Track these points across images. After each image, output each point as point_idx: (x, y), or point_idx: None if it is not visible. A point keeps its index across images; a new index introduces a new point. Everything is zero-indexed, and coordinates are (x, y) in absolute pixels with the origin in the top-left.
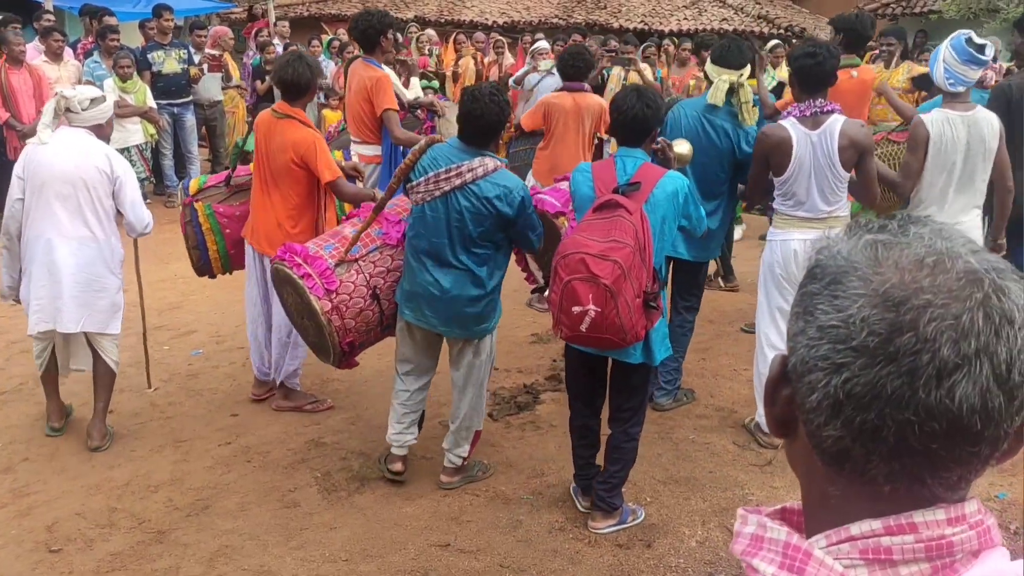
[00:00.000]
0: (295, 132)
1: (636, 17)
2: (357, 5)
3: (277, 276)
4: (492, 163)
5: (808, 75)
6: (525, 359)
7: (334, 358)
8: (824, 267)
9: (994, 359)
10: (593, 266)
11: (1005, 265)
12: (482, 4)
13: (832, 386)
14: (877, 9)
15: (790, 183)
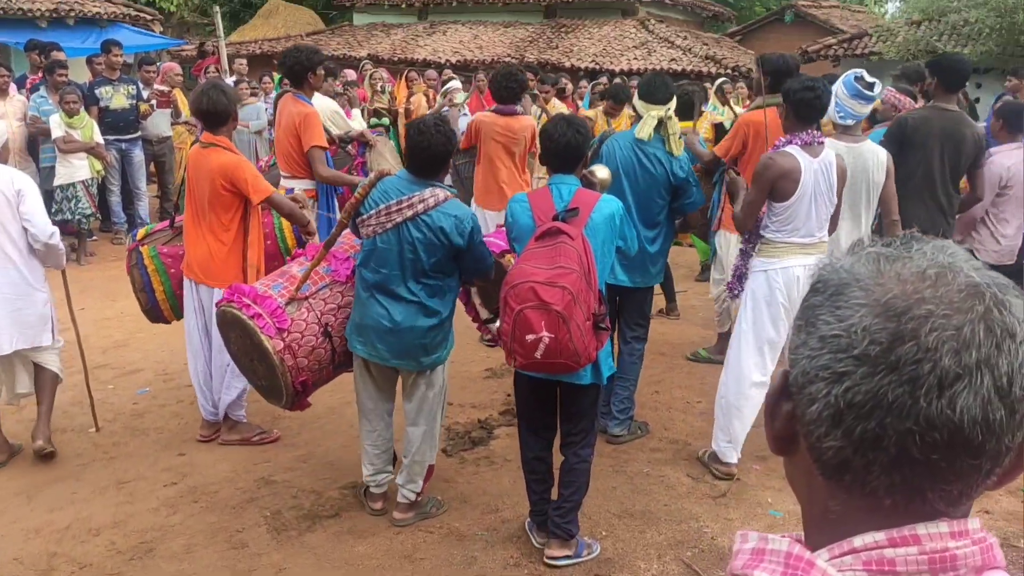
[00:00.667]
0: (219, 157)
1: (587, 57)
2: (310, 43)
3: (224, 319)
4: (443, 193)
5: (808, 107)
6: (479, 394)
7: (286, 399)
8: (827, 280)
9: (995, 371)
10: (543, 293)
11: (1006, 281)
12: (435, 43)
13: (833, 395)
14: (820, 50)
15: (792, 209)
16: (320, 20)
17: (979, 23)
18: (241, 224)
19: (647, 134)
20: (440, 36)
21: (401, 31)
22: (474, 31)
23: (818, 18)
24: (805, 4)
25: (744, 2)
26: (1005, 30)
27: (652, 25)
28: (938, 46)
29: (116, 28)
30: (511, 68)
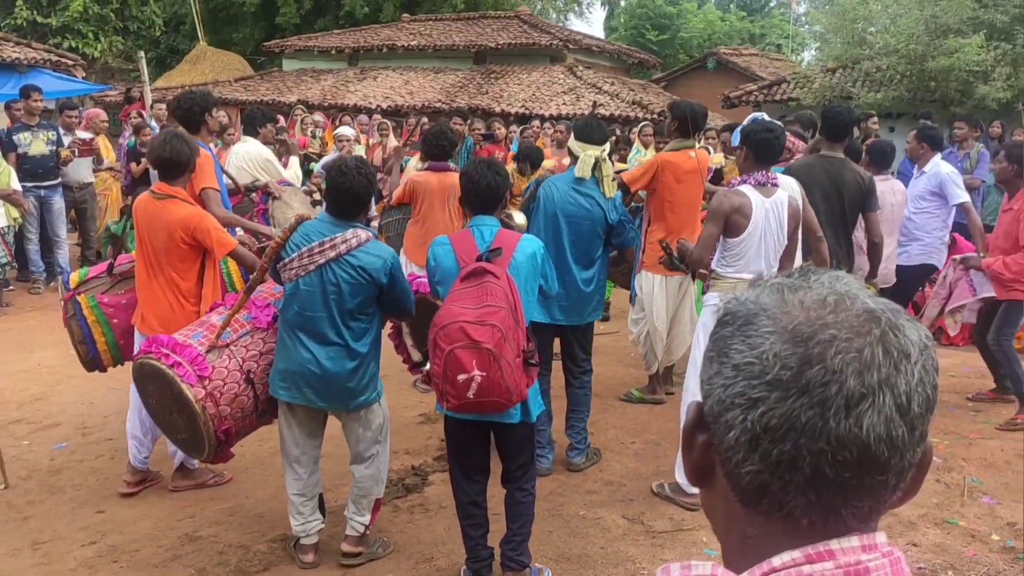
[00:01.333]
0: (180, 210)
1: (517, 102)
2: (238, 89)
3: (141, 371)
4: (364, 234)
5: (766, 148)
6: (413, 440)
7: (209, 450)
8: (735, 312)
9: (895, 390)
10: (473, 332)
11: (897, 306)
12: (365, 89)
13: (750, 421)
14: (742, 96)
15: (742, 245)
16: (248, 65)
17: (891, 70)
18: (199, 278)
19: (587, 172)
20: (371, 82)
21: (331, 77)
22: (405, 77)
23: (739, 65)
24: (727, 52)
25: (668, 50)
26: (915, 76)
27: (580, 71)
28: (852, 92)
29: (36, 73)
30: (442, 127)
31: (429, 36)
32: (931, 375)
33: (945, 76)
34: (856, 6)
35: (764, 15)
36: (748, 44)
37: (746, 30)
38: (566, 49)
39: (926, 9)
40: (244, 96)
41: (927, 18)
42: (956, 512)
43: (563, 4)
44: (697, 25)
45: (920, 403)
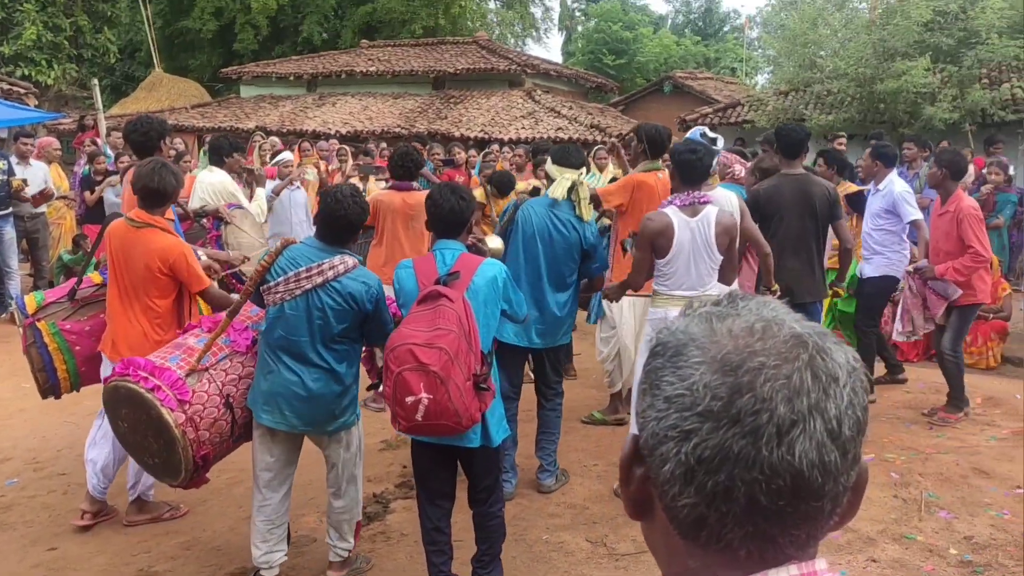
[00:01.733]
0: (160, 240)
1: (476, 127)
2: (195, 116)
3: (115, 394)
4: (351, 261)
5: (690, 168)
6: (374, 466)
7: (185, 476)
8: (665, 343)
9: (825, 415)
10: (420, 355)
11: (824, 330)
12: (324, 114)
13: (683, 453)
14: (697, 119)
15: (671, 264)
16: (206, 92)
17: (841, 92)
18: (176, 305)
19: (560, 194)
20: (330, 107)
21: (290, 103)
22: (364, 102)
23: (694, 89)
24: (682, 76)
25: (626, 73)
26: (865, 98)
27: (538, 96)
28: (805, 114)
29: None
30: (407, 148)
31: (388, 62)
32: (861, 397)
33: (894, 98)
34: (806, 31)
35: (718, 39)
36: (703, 68)
37: (701, 54)
38: (524, 74)
39: (874, 33)
40: (201, 123)
41: (875, 42)
42: (914, 527)
43: (521, 30)
44: (653, 49)
45: (851, 426)
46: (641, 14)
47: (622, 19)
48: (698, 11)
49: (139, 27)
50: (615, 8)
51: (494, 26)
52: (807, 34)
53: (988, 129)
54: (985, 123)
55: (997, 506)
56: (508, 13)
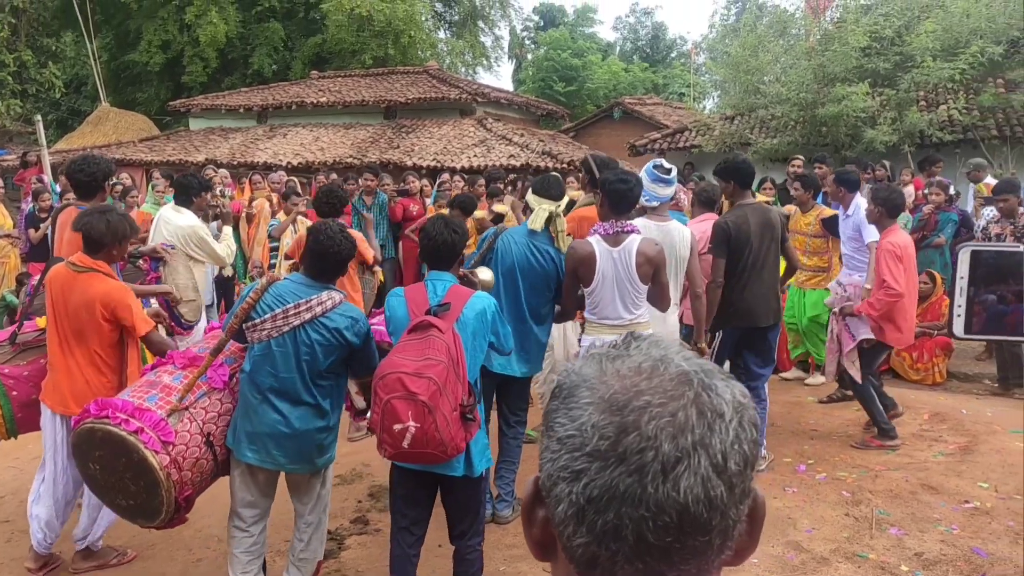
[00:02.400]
0: (101, 285)
1: (429, 156)
2: (143, 150)
3: (90, 437)
4: (338, 296)
5: (621, 198)
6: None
7: (164, 517)
8: (561, 385)
9: (710, 451)
10: (410, 384)
11: (712, 366)
12: (275, 146)
13: (574, 493)
14: (647, 144)
15: (596, 293)
16: (154, 125)
17: (784, 117)
18: (117, 352)
19: (539, 225)
20: (280, 139)
21: (240, 135)
22: (315, 133)
23: (644, 114)
24: (631, 102)
25: (576, 100)
26: (808, 123)
27: (490, 124)
28: (750, 138)
29: None
30: (332, 185)
31: (338, 92)
32: (748, 431)
33: (835, 122)
34: (748, 58)
35: (666, 65)
36: (652, 94)
37: (649, 80)
38: (475, 102)
39: (813, 60)
40: (149, 156)
41: (815, 68)
42: (866, 545)
43: (471, 58)
44: (602, 76)
45: (737, 460)
46: (589, 42)
47: (571, 47)
48: (645, 38)
49: (85, 61)
50: (564, 36)
51: (444, 55)
52: (749, 61)
53: (927, 150)
54: (924, 144)
55: (946, 521)
56: (458, 42)
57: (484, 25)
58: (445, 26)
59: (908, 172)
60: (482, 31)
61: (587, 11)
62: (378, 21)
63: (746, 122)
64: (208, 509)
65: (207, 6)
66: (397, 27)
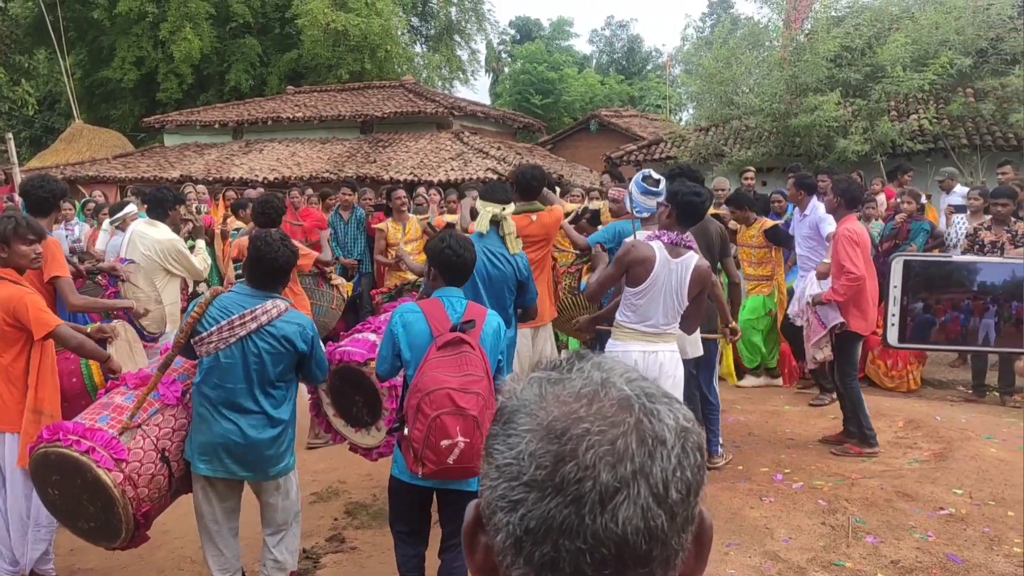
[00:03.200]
0: (2, 292)
1: (406, 170)
2: (117, 167)
3: (45, 461)
4: (283, 304)
5: (692, 210)
6: (305, 520)
7: (125, 536)
8: (502, 408)
9: (650, 479)
10: (459, 400)
11: (655, 390)
12: (251, 161)
13: (512, 524)
14: (623, 156)
15: (642, 296)
16: (128, 142)
17: (758, 128)
18: (25, 360)
19: (484, 227)
20: (256, 154)
21: (215, 151)
22: (291, 148)
23: (620, 126)
24: (608, 114)
25: (553, 113)
26: (781, 133)
27: (467, 137)
28: (724, 149)
29: None
30: (270, 196)
31: (315, 107)
32: (692, 456)
33: (808, 132)
34: (721, 70)
35: (641, 78)
36: (628, 106)
37: (625, 92)
38: (452, 116)
39: (786, 71)
40: (124, 173)
41: (787, 78)
42: (843, 554)
43: (448, 72)
44: (578, 89)
45: (680, 488)
46: (566, 55)
47: (547, 60)
48: (621, 51)
49: (58, 78)
50: (540, 49)
51: (421, 69)
52: (722, 72)
53: (898, 159)
54: (895, 153)
55: (921, 528)
56: (434, 56)
57: (460, 39)
58: (421, 40)
59: (879, 181)
60: (458, 45)
61: (563, 24)
62: (354, 36)
63: (720, 133)
64: (180, 530)
65: (181, 22)
66: (373, 42)
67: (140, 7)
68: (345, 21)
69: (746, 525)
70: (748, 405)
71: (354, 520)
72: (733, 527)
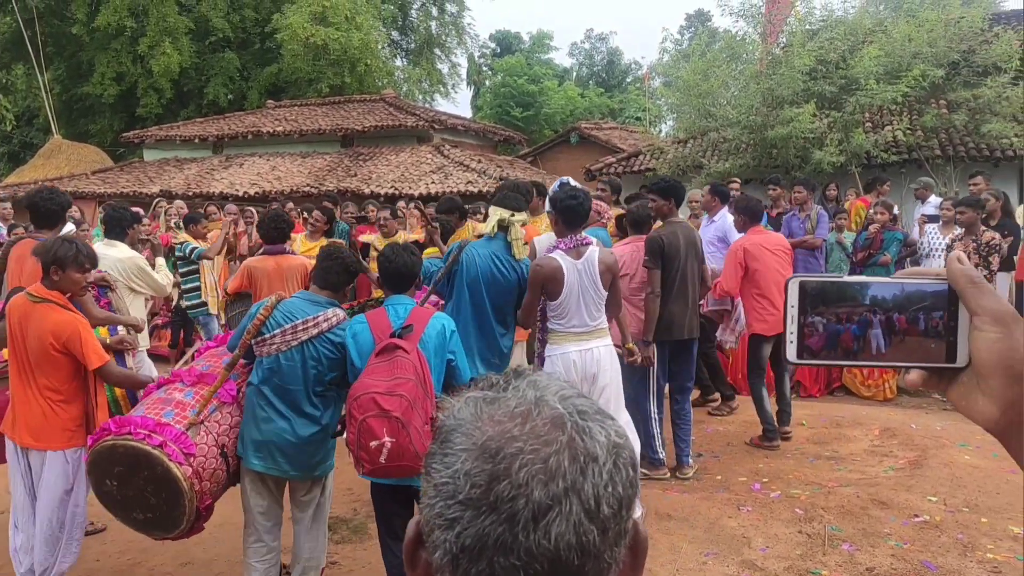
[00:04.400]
0: (54, 316)
1: (386, 183)
2: (96, 182)
3: (111, 454)
4: (341, 313)
5: (572, 214)
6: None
7: (184, 527)
8: (440, 426)
9: (582, 495)
10: (382, 402)
11: (588, 407)
12: (231, 176)
13: (449, 541)
14: (602, 168)
15: (563, 304)
16: (107, 157)
17: (736, 140)
18: (75, 384)
19: (490, 229)
20: (236, 169)
21: (195, 165)
22: (272, 162)
23: (600, 139)
24: (588, 126)
25: (533, 125)
26: (758, 145)
27: (447, 150)
28: (703, 161)
29: None
30: (277, 212)
31: (295, 121)
32: (623, 472)
33: (784, 143)
34: (699, 82)
35: (621, 90)
36: (608, 118)
37: (605, 105)
38: (432, 129)
39: (762, 83)
40: (103, 189)
41: (764, 91)
42: (819, 562)
43: (428, 86)
44: (559, 101)
45: (611, 503)
46: (546, 68)
47: (527, 73)
48: (601, 64)
49: (36, 94)
50: (520, 63)
51: (401, 83)
52: (700, 85)
53: (873, 170)
54: (870, 164)
55: (897, 536)
56: (415, 70)
57: (440, 53)
58: (401, 54)
59: (853, 192)
60: (438, 59)
61: (543, 38)
62: (334, 50)
63: (699, 145)
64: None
65: (160, 37)
66: (353, 56)
67: (119, 22)
68: (325, 36)
69: (724, 534)
70: (727, 415)
71: (335, 535)
72: (711, 536)
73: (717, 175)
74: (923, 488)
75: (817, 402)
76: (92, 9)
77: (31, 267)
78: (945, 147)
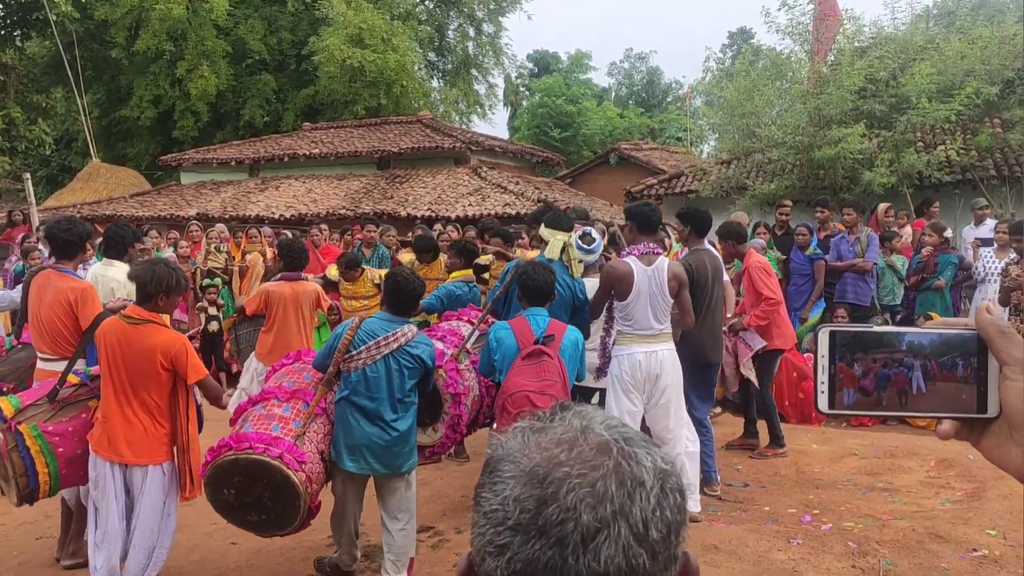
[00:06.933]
0: (159, 336)
1: (423, 205)
2: (134, 205)
3: (233, 466)
4: (415, 329)
5: (646, 222)
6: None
7: (297, 524)
8: (489, 458)
9: (630, 519)
10: (536, 400)
11: (634, 434)
12: (268, 199)
13: (500, 569)
14: (643, 190)
15: (630, 307)
16: (145, 180)
17: (781, 160)
18: (173, 400)
19: (556, 254)
20: (273, 191)
21: (232, 188)
22: (308, 185)
23: (640, 160)
24: (627, 147)
25: (572, 146)
26: (804, 166)
27: (485, 172)
28: (747, 183)
29: None
30: (292, 240)
31: (331, 143)
32: (671, 497)
33: (832, 164)
34: (743, 102)
35: (662, 110)
36: (648, 139)
37: (645, 125)
38: (469, 151)
39: (809, 103)
40: (141, 212)
41: (810, 111)
42: None
43: (465, 107)
44: (597, 122)
45: (660, 527)
46: (584, 88)
47: (565, 93)
48: (640, 83)
49: (75, 117)
50: (558, 83)
51: (438, 104)
52: (744, 104)
53: (926, 191)
54: (922, 185)
55: (954, 571)
56: (451, 91)
57: (477, 73)
58: (438, 75)
59: (904, 215)
60: (476, 79)
61: (581, 58)
62: (370, 72)
63: (742, 166)
64: None
65: (198, 60)
66: (389, 77)
67: (158, 46)
68: (361, 57)
69: (774, 568)
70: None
71: (372, 563)
72: (760, 570)
73: (761, 196)
74: (982, 521)
75: (870, 431)
76: (131, 33)
77: (51, 297)
78: (1000, 167)
